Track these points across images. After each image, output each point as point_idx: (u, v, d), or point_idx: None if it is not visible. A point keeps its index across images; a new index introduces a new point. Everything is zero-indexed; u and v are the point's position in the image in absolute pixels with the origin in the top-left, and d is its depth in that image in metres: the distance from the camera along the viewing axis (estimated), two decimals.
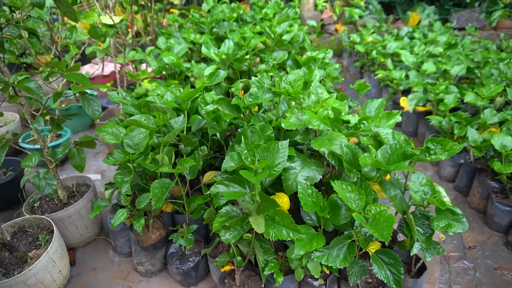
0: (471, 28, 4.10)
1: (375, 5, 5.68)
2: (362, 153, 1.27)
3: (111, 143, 1.50)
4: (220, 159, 1.83)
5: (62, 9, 1.57)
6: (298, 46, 2.83)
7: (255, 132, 1.34)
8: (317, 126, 1.21)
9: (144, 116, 1.38)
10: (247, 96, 1.48)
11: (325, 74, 2.19)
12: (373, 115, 1.64)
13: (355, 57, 4.12)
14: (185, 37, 2.67)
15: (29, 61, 2.31)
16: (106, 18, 1.82)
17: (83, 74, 1.46)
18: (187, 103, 1.69)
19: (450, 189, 2.16)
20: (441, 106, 2.20)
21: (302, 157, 1.36)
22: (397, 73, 2.75)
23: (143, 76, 2.33)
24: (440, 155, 1.20)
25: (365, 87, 1.78)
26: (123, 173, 1.47)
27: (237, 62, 2.34)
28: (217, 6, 3.34)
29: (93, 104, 1.44)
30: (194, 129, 1.65)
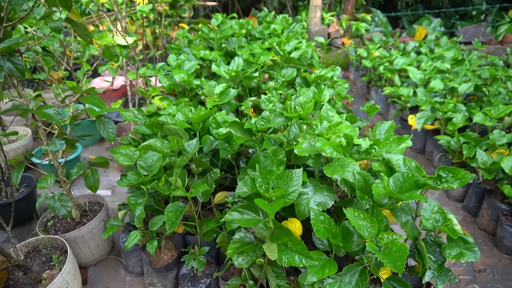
0: (477, 43, 4.11)
1: (381, 18, 5.72)
2: (374, 179, 1.28)
3: (125, 165, 1.53)
4: (230, 179, 1.85)
5: (78, 32, 1.61)
6: (307, 62, 2.86)
7: (268, 157, 1.36)
8: (330, 153, 1.23)
9: (159, 140, 1.41)
10: (259, 119, 1.50)
11: (334, 93, 2.22)
12: (383, 137, 1.65)
13: (362, 71, 4.14)
14: (195, 54, 2.71)
15: (42, 77, 2.35)
16: (120, 39, 1.85)
17: (99, 98, 1.50)
18: (199, 124, 1.72)
19: (458, 209, 2.16)
20: (450, 126, 2.21)
21: (314, 182, 1.37)
22: (405, 90, 2.76)
23: (154, 93, 2.36)
24: (452, 183, 1.21)
25: (375, 109, 1.80)
26: (136, 195, 1.49)
27: (246, 79, 2.37)
28: (226, 22, 3.39)
29: (108, 126, 1.47)
30: (206, 150, 1.67)
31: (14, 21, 1.35)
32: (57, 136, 1.51)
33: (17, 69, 1.21)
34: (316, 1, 4.65)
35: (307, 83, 2.38)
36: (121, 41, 1.86)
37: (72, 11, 3.81)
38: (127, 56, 1.90)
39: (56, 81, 2.42)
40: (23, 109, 1.27)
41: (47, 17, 1.64)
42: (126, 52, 1.91)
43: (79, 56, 3.51)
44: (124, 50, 1.90)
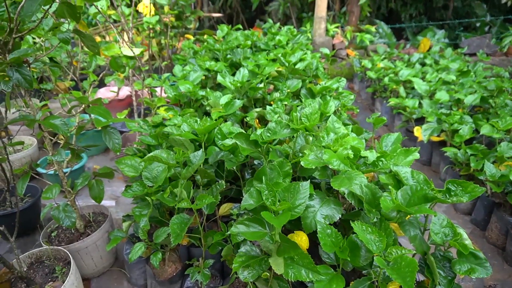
0: (482, 54, 4.11)
1: (385, 30, 5.74)
2: (382, 192, 1.27)
3: (130, 176, 1.52)
4: (235, 190, 1.83)
5: (86, 43, 1.63)
6: (312, 74, 2.87)
7: (274, 169, 1.35)
8: (337, 166, 1.21)
9: (164, 151, 1.40)
10: (265, 131, 1.49)
11: (340, 104, 2.21)
12: (389, 149, 1.64)
13: (367, 82, 4.14)
14: (201, 64, 2.72)
15: (49, 87, 2.37)
16: (127, 50, 1.87)
17: (105, 108, 1.50)
18: (205, 135, 1.72)
19: (466, 222, 2.13)
20: (457, 138, 2.19)
21: (321, 194, 1.36)
22: (410, 101, 2.76)
23: (159, 103, 2.37)
24: (461, 197, 1.19)
25: (381, 121, 1.79)
26: (141, 206, 1.48)
27: (252, 90, 2.38)
28: (231, 33, 3.42)
29: (114, 137, 1.47)
30: (211, 161, 1.66)
31: (23, 32, 1.37)
32: (63, 146, 1.51)
33: (25, 79, 1.22)
34: (321, 13, 4.68)
35: (312, 94, 2.38)
36: (127, 52, 1.87)
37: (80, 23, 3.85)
38: (133, 66, 1.91)
39: (63, 91, 2.43)
40: (30, 120, 1.27)
41: (55, 28, 1.66)
42: (133, 63, 1.92)
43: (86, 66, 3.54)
44: (131, 61, 1.91)
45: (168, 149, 1.47)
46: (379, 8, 7.92)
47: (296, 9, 6.83)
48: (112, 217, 2.18)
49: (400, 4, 8.26)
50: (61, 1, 1.35)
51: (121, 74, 2.23)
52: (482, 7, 6.77)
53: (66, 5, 1.35)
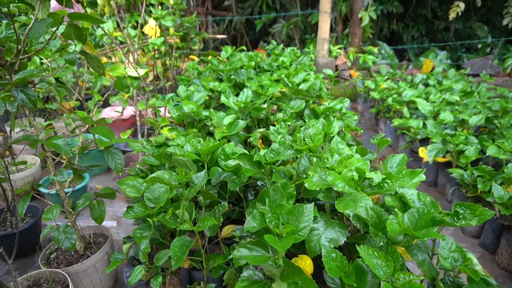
0: (485, 75, 4.12)
1: (387, 51, 5.81)
2: (388, 214, 1.24)
3: (132, 197, 1.51)
4: (238, 212, 1.81)
5: (91, 64, 1.64)
6: (315, 94, 2.88)
7: (278, 191, 1.33)
8: (341, 188, 1.19)
9: (167, 172, 1.39)
10: (268, 151, 1.48)
11: (344, 125, 2.20)
12: (394, 171, 1.62)
13: (370, 103, 4.15)
14: (204, 85, 2.75)
15: (54, 107, 2.38)
16: (131, 70, 1.88)
17: (109, 128, 1.50)
18: (208, 155, 1.71)
19: (475, 245, 2.08)
20: (462, 159, 2.17)
21: (325, 217, 1.33)
22: (414, 122, 2.74)
23: (163, 123, 2.37)
24: (470, 220, 1.16)
25: (385, 142, 1.78)
26: (142, 228, 1.45)
27: (255, 111, 2.38)
28: (235, 54, 3.46)
29: (116, 157, 1.46)
30: (214, 182, 1.65)
31: (30, 54, 1.39)
32: (65, 166, 1.50)
33: (29, 100, 1.23)
34: (324, 34, 4.75)
35: (316, 115, 2.38)
36: (132, 72, 1.89)
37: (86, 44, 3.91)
38: (137, 87, 1.93)
39: (68, 111, 2.45)
40: (33, 140, 1.27)
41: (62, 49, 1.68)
42: (137, 83, 1.94)
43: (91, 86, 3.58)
44: (135, 81, 1.93)
45: (170, 170, 1.45)
46: (381, 30, 8.04)
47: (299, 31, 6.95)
48: (113, 238, 2.15)
49: (402, 26, 8.39)
50: (68, 23, 1.37)
51: (126, 94, 2.25)
52: (484, 29, 6.85)
53: (73, 27, 1.37)
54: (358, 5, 5.43)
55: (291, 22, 6.71)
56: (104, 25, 2.27)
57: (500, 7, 7.90)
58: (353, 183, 1.21)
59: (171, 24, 2.80)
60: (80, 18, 1.27)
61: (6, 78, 1.37)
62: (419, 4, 8.05)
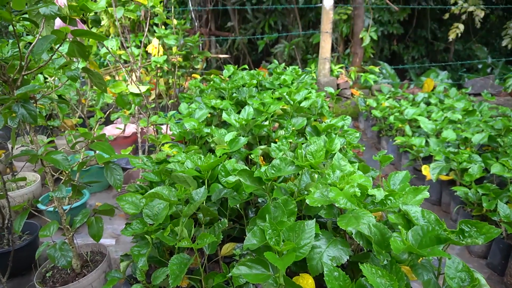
0: (487, 94, 4.14)
1: (388, 70, 5.86)
2: (391, 232, 1.21)
3: (131, 213, 1.48)
4: (239, 229, 1.77)
5: (93, 81, 1.65)
6: (317, 112, 2.88)
7: (278, 207, 1.31)
8: (343, 204, 1.17)
9: (166, 188, 1.37)
10: (269, 168, 1.47)
11: (345, 142, 2.19)
12: (397, 188, 1.59)
13: (372, 121, 4.15)
14: (206, 102, 2.76)
15: (56, 124, 2.39)
16: (133, 87, 1.90)
17: (109, 145, 1.49)
18: (208, 172, 1.69)
19: (482, 266, 2.02)
20: (466, 177, 2.14)
21: (327, 234, 1.30)
22: (417, 140, 2.73)
23: (164, 140, 2.37)
24: (476, 238, 1.13)
25: (388, 159, 1.76)
26: (140, 245, 1.43)
27: (256, 128, 2.38)
28: (237, 73, 3.49)
29: (116, 173, 1.45)
30: (214, 199, 1.62)
31: (32, 70, 1.40)
32: (64, 182, 1.49)
33: (30, 115, 1.23)
34: (325, 54, 4.81)
35: (317, 132, 2.38)
36: (134, 89, 1.90)
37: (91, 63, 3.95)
38: (139, 104, 1.94)
39: (69, 128, 2.46)
40: (31, 155, 1.26)
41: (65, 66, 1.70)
42: (139, 100, 1.95)
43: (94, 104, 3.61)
44: (137, 98, 1.94)
45: (170, 186, 1.44)
46: (382, 51, 8.14)
47: (301, 51, 7.04)
48: (112, 256, 2.10)
49: (403, 47, 8.50)
50: (72, 40, 1.39)
51: (127, 111, 2.26)
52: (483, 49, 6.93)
53: (76, 44, 1.39)
54: (358, 26, 5.52)
55: (293, 43, 6.82)
56: (108, 43, 2.30)
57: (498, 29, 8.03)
58: (355, 199, 1.19)
59: (174, 42, 2.85)
60: (83, 35, 1.29)
61: (8, 94, 1.38)
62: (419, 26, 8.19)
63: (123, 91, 1.91)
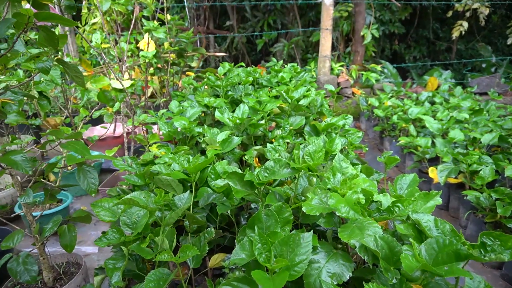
0: (494, 93, 3.98)
1: (390, 69, 5.70)
2: (400, 245, 1.05)
3: (107, 221, 1.33)
4: (229, 238, 1.61)
5: (70, 74, 1.50)
6: (316, 111, 2.72)
7: (271, 215, 1.15)
8: (345, 213, 1.01)
9: (144, 193, 1.22)
10: (262, 170, 1.31)
11: (347, 142, 2.03)
12: (405, 193, 1.44)
13: (374, 121, 3.99)
14: (199, 100, 2.60)
15: (37, 123, 2.23)
16: (116, 83, 1.74)
17: (83, 143, 1.33)
18: (196, 174, 1.54)
19: (496, 277, 1.86)
20: (478, 180, 1.98)
21: (327, 246, 1.14)
22: (422, 140, 2.57)
23: (152, 140, 2.21)
24: (501, 254, 0.97)
25: (394, 161, 1.60)
26: (116, 258, 1.27)
27: (252, 127, 2.22)
28: (233, 70, 3.34)
29: (90, 176, 1.29)
30: (202, 205, 1.46)
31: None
32: (32, 186, 1.33)
33: None
34: (325, 52, 4.65)
35: (316, 132, 2.22)
36: (117, 84, 1.74)
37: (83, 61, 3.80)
38: (122, 100, 1.78)
39: (52, 127, 2.30)
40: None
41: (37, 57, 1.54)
42: (122, 97, 1.79)
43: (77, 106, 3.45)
44: (120, 94, 1.78)
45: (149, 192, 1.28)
46: (383, 50, 8.00)
47: (300, 50, 6.89)
48: (93, 265, 1.95)
49: (404, 47, 8.35)
50: (39, 26, 1.23)
51: (110, 108, 2.10)
52: (487, 48, 6.78)
53: (43, 30, 1.23)
54: (359, 23, 5.36)
55: (292, 42, 6.66)
56: (93, 36, 2.15)
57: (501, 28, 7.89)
58: (359, 207, 1.03)
59: (163, 36, 2.69)
60: (48, 18, 1.13)
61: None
62: (420, 26, 8.04)
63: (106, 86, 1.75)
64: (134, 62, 3.59)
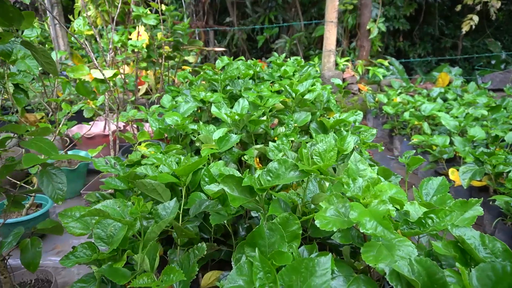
0: (510, 89, 3.75)
1: (396, 66, 5.47)
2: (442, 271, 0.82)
3: (77, 234, 1.11)
4: (225, 252, 1.39)
5: (39, 60, 1.28)
6: (322, 106, 2.50)
7: (275, 230, 0.93)
8: (372, 229, 0.79)
9: (119, 202, 0.99)
10: (264, 173, 1.08)
11: (359, 140, 1.81)
12: (433, 200, 1.21)
13: (382, 119, 3.77)
14: (194, 95, 2.38)
15: (14, 119, 2.01)
16: (97, 72, 1.52)
17: (49, 141, 1.11)
18: (187, 177, 1.32)
19: None
20: (508, 183, 1.75)
21: (345, 268, 0.91)
22: (440, 139, 2.34)
23: (141, 138, 1.99)
24: None
25: (418, 161, 1.38)
26: (86, 280, 1.04)
27: (252, 124, 2.00)
28: (232, 64, 3.11)
29: (56, 180, 1.07)
30: (193, 213, 1.24)
31: None
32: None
33: None
34: (330, 46, 4.42)
35: (324, 129, 2.00)
36: (97, 74, 1.52)
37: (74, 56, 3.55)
38: (104, 92, 1.56)
39: (31, 123, 2.08)
40: None
41: None
42: (104, 88, 1.57)
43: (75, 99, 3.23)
44: (102, 86, 1.56)
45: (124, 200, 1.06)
46: (387, 47, 7.77)
47: (303, 46, 6.66)
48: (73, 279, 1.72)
49: (408, 44, 8.13)
50: None
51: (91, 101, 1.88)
52: (497, 44, 6.55)
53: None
54: (366, 16, 5.13)
55: (294, 37, 6.43)
56: (75, 21, 1.92)
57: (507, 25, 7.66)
58: (389, 222, 0.80)
59: (153, 22, 2.47)
60: None
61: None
62: (425, 22, 7.81)
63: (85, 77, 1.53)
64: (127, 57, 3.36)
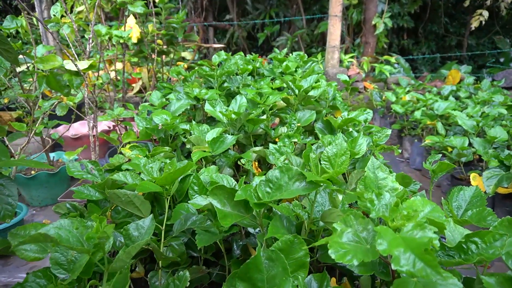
0: None
1: (402, 64, 5.26)
2: None
3: (30, 259, 0.90)
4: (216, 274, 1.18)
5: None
6: (327, 104, 2.29)
7: (277, 260, 0.72)
8: (409, 266, 0.57)
9: (76, 222, 0.78)
10: (263, 184, 0.87)
11: (371, 142, 1.60)
12: (467, 215, 1.00)
13: (390, 118, 3.55)
14: (188, 92, 2.17)
15: None
16: (69, 63, 1.31)
17: (2, 145, 0.90)
18: (171, 185, 1.11)
19: None
20: None
21: None
22: (457, 140, 2.13)
23: (127, 139, 1.79)
24: None
25: (447, 167, 1.16)
26: None
27: (250, 123, 1.79)
28: (230, 59, 2.90)
29: (4, 193, 0.85)
30: (177, 231, 1.03)
31: None
32: None
33: None
34: (334, 42, 4.20)
35: (331, 129, 1.79)
36: (70, 66, 1.31)
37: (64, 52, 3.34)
38: (78, 87, 1.35)
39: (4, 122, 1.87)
40: None
41: None
42: (78, 82, 1.36)
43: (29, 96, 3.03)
44: (76, 79, 1.35)
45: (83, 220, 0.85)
46: (391, 45, 7.57)
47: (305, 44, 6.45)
48: None
49: (412, 42, 7.92)
50: None
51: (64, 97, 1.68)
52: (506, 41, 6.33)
53: None
54: (371, 11, 4.91)
55: (295, 34, 6.22)
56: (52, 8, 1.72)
57: None
58: (433, 258, 0.59)
59: (140, 10, 2.26)
60: None
61: None
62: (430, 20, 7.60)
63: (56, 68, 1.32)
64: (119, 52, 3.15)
